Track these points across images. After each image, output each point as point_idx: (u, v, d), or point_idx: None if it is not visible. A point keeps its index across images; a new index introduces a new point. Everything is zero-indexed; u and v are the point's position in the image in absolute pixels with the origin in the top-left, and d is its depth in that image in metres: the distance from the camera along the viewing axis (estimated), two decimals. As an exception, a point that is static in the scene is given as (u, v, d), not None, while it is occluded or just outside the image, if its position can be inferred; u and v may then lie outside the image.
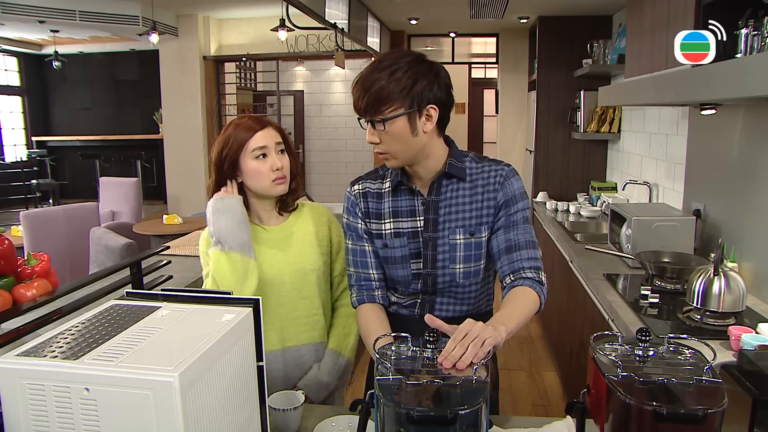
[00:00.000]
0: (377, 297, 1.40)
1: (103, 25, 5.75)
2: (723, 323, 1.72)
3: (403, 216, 1.37)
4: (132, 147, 8.38)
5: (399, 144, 1.24)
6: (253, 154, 1.43)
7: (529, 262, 1.28)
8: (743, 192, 2.21)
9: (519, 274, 1.27)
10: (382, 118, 1.20)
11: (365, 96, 1.20)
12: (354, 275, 1.43)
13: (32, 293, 1.28)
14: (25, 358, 0.79)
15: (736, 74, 1.53)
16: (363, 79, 1.21)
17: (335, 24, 3.84)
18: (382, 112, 1.20)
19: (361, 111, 1.23)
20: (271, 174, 1.45)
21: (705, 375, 0.91)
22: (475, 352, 0.94)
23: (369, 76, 1.20)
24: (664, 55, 2.24)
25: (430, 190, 1.35)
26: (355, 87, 1.23)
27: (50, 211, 4.43)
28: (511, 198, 1.32)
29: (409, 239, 1.36)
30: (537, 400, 3.27)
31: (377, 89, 1.18)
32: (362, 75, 1.22)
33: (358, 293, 1.41)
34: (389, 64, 1.20)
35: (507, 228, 1.31)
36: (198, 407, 0.79)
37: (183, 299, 1.01)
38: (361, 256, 1.41)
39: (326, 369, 1.54)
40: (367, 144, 1.45)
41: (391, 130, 1.21)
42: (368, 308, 1.39)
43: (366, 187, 1.42)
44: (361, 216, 1.40)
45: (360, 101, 1.22)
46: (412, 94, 1.19)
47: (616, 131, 4.14)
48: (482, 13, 4.39)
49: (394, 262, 1.38)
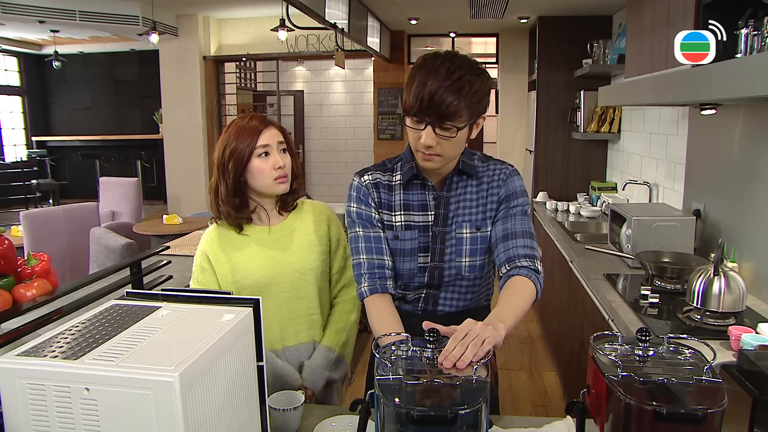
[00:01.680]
0: (389, 287, 1.36)
1: (103, 25, 5.76)
2: (723, 323, 1.71)
3: (415, 210, 1.39)
4: (132, 147, 8.39)
5: (454, 148, 1.28)
6: (256, 152, 1.44)
7: (524, 249, 1.30)
8: (743, 192, 2.21)
9: (514, 263, 1.29)
10: (451, 126, 1.22)
11: (437, 109, 1.19)
12: (366, 263, 1.37)
13: (32, 293, 1.28)
14: (25, 358, 0.79)
15: (736, 74, 1.53)
16: (435, 93, 1.19)
17: (335, 24, 3.84)
18: (451, 122, 1.22)
19: (428, 119, 1.22)
20: (273, 172, 1.45)
21: (705, 375, 0.91)
22: (474, 351, 0.95)
23: (442, 92, 1.18)
24: (664, 55, 2.24)
25: (442, 186, 1.39)
26: (421, 96, 1.20)
27: (50, 211, 4.43)
28: (512, 193, 1.38)
29: (420, 233, 1.38)
30: (537, 400, 3.27)
31: (451, 106, 1.19)
32: (431, 87, 1.18)
33: (370, 282, 1.35)
34: (461, 77, 1.19)
35: (505, 219, 1.36)
36: (198, 407, 0.79)
37: (183, 299, 1.01)
38: (375, 242, 1.38)
39: (316, 362, 1.54)
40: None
41: (453, 138, 1.24)
42: (381, 299, 1.34)
43: (376, 177, 1.42)
44: (374, 206, 1.40)
45: (428, 110, 1.20)
46: (477, 109, 1.25)
47: (616, 131, 4.14)
48: (482, 13, 4.39)
49: (402, 254, 1.39)
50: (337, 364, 1.57)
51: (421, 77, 1.21)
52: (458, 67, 1.21)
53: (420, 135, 1.24)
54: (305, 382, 1.53)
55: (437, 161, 1.29)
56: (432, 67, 1.22)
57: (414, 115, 1.23)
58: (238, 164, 1.44)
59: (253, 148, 1.44)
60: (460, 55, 1.26)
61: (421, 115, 1.22)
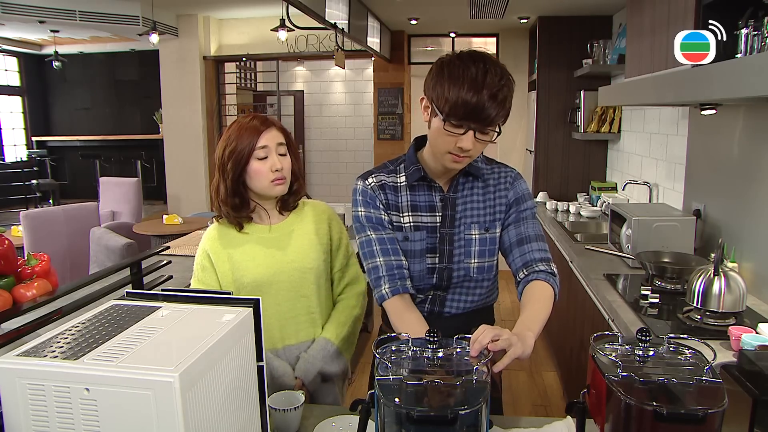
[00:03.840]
0: (409, 287, 1.36)
1: (103, 25, 5.75)
2: (723, 323, 1.72)
3: (423, 210, 1.39)
4: (132, 147, 8.38)
5: (482, 149, 1.31)
6: (255, 154, 1.44)
7: (540, 253, 1.36)
8: (743, 192, 2.21)
9: (532, 268, 1.34)
10: (491, 131, 1.25)
11: (482, 117, 1.20)
12: (383, 265, 1.36)
13: (32, 293, 1.28)
14: (25, 358, 0.79)
15: (736, 74, 1.53)
16: (483, 104, 1.19)
17: (335, 24, 3.84)
18: (492, 128, 1.25)
19: (472, 125, 1.22)
20: (270, 174, 1.45)
21: (705, 375, 0.91)
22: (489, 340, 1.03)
23: (489, 103, 1.19)
24: (664, 55, 2.24)
25: (449, 188, 1.40)
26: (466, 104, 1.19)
27: (50, 211, 4.43)
28: (521, 197, 1.42)
29: (429, 233, 1.39)
30: (537, 400, 3.27)
31: (498, 116, 1.22)
32: (479, 99, 1.18)
33: (391, 283, 1.34)
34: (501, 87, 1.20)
35: (517, 223, 1.40)
36: (198, 407, 0.79)
37: (183, 299, 1.01)
38: (390, 244, 1.38)
39: (311, 353, 1.54)
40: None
41: (487, 139, 1.27)
42: (402, 301, 1.34)
43: (381, 179, 1.42)
44: (383, 207, 1.40)
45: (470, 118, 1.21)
46: (508, 112, 1.27)
47: (616, 131, 4.14)
48: (482, 13, 4.39)
49: (412, 255, 1.39)
50: (334, 358, 1.56)
51: (470, 83, 1.19)
52: (501, 75, 1.22)
53: (457, 139, 1.24)
54: (296, 372, 1.52)
55: (466, 161, 1.31)
56: (479, 73, 1.19)
57: (459, 119, 1.22)
58: (237, 165, 1.44)
59: (252, 150, 1.43)
60: (494, 59, 1.26)
61: (464, 121, 1.22)
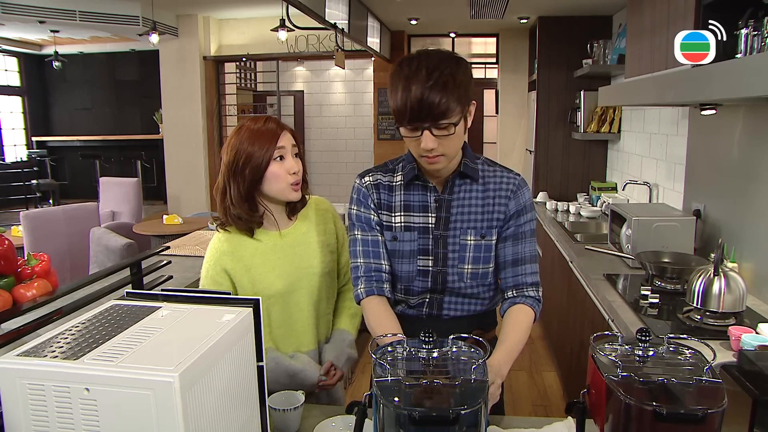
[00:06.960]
0: (385, 290, 1.37)
1: (103, 25, 5.76)
2: (723, 323, 1.71)
3: (415, 210, 1.38)
4: (132, 147, 8.38)
5: (455, 145, 1.27)
6: (274, 157, 1.39)
7: (532, 277, 1.37)
8: (743, 192, 2.21)
9: (522, 291, 1.37)
10: (447, 123, 1.20)
11: (429, 111, 1.18)
12: (363, 266, 1.37)
13: (32, 293, 1.28)
14: (25, 358, 0.79)
15: (736, 74, 1.53)
16: (422, 96, 1.17)
17: (335, 24, 3.84)
18: (446, 120, 1.20)
19: (423, 124, 1.20)
20: (289, 177, 1.41)
21: (705, 375, 0.91)
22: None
23: (426, 95, 1.16)
24: (664, 55, 2.24)
25: (443, 188, 1.37)
26: (409, 102, 1.18)
27: (50, 212, 4.43)
28: (522, 209, 1.38)
29: (420, 234, 1.37)
30: (537, 400, 3.27)
31: (442, 104, 1.17)
32: (417, 92, 1.16)
33: (367, 285, 1.36)
34: (442, 72, 1.17)
35: (515, 239, 1.38)
36: (198, 407, 0.79)
37: (183, 299, 1.01)
38: (373, 246, 1.38)
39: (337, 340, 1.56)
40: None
41: (452, 134, 1.22)
42: (377, 301, 1.36)
43: (377, 178, 1.41)
44: (374, 207, 1.40)
45: (419, 116, 1.19)
46: (466, 98, 1.22)
47: (616, 131, 4.15)
48: (482, 14, 4.39)
49: (401, 256, 1.38)
50: (353, 347, 1.58)
51: (403, 83, 1.19)
52: (436, 63, 1.19)
53: (419, 141, 1.22)
54: (331, 358, 1.52)
55: (442, 161, 1.28)
56: (411, 71, 1.19)
57: (408, 123, 1.21)
58: (256, 170, 1.38)
59: (272, 153, 1.38)
60: (434, 51, 1.24)
61: (414, 121, 1.20)
